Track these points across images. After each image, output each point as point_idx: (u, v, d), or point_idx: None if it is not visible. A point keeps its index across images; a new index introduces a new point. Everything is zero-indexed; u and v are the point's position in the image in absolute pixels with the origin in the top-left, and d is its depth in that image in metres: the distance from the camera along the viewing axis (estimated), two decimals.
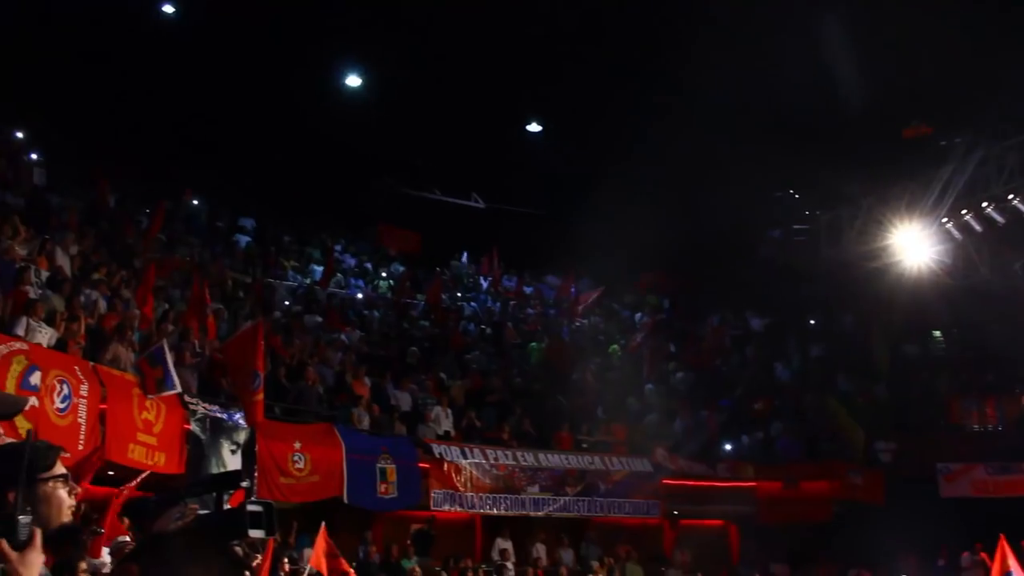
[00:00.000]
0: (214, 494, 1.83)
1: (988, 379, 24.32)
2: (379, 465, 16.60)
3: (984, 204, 16.63)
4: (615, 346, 27.28)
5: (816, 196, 23.37)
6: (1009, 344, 23.17)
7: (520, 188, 28.28)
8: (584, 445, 20.79)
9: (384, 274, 27.44)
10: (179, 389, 13.50)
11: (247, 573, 1.55)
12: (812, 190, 24.16)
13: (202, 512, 1.76)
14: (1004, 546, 12.23)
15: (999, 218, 16.73)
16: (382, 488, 16.62)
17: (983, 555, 18.98)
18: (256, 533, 1.76)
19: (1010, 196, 16.22)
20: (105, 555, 9.67)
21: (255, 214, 26.56)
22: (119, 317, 14.87)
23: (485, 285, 29.38)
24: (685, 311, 29.03)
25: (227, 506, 1.87)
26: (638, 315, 29.54)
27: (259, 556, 11.51)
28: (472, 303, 28.06)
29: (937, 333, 26.98)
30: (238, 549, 1.69)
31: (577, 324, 28.31)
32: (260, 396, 14.24)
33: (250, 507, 1.75)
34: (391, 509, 17.17)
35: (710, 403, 23.95)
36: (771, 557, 20.85)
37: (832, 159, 20.18)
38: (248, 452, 14.71)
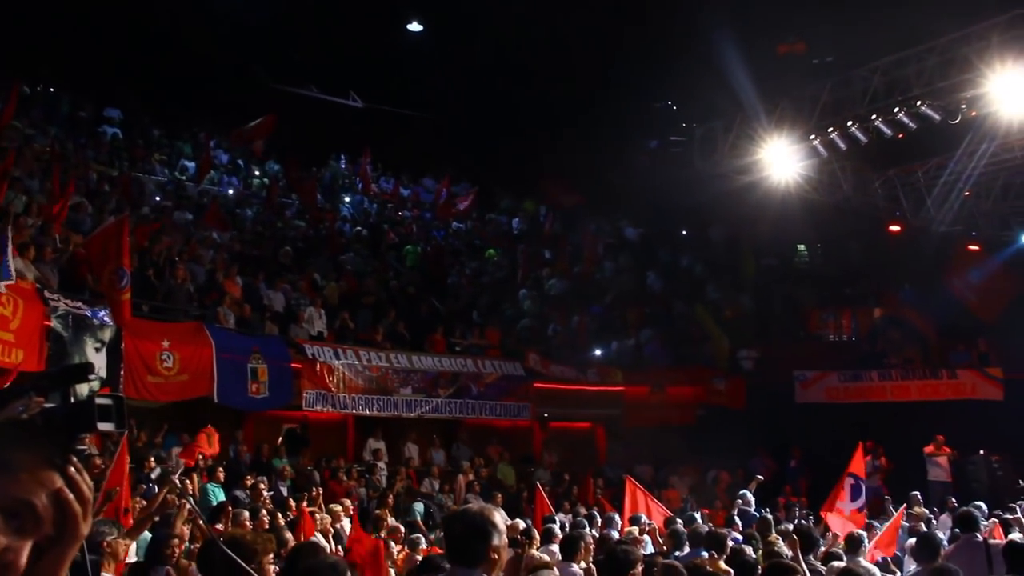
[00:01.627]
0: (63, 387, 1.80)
1: (846, 292, 25.47)
2: (250, 365, 16.46)
3: (849, 123, 17.12)
4: (491, 251, 27.48)
5: (693, 109, 23.69)
6: (866, 259, 24.28)
7: (399, 88, 27.79)
8: (457, 348, 21.00)
9: (258, 172, 26.76)
10: (12, 279, 12.78)
11: (74, 459, 1.54)
12: (690, 102, 24.47)
13: (48, 405, 1.72)
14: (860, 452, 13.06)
15: (862, 137, 17.25)
16: (253, 388, 16.50)
17: (883, 459, 20.08)
18: (105, 426, 1.74)
19: (873, 116, 16.72)
20: None
21: (122, 105, 25.41)
22: None
23: (361, 186, 29.01)
24: (561, 218, 29.30)
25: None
26: (515, 220, 29.73)
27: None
28: (348, 204, 27.72)
29: (801, 247, 28.01)
30: (83, 447, 1.67)
31: (454, 228, 28.32)
32: (127, 295, 13.84)
33: (99, 400, 1.72)
34: (262, 409, 17.09)
35: (582, 309, 24.44)
36: (636, 458, 21.63)
37: (709, 73, 20.43)
38: (113, 350, 14.37)
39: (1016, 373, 20.91)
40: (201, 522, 8.87)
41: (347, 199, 27.97)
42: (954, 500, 15.94)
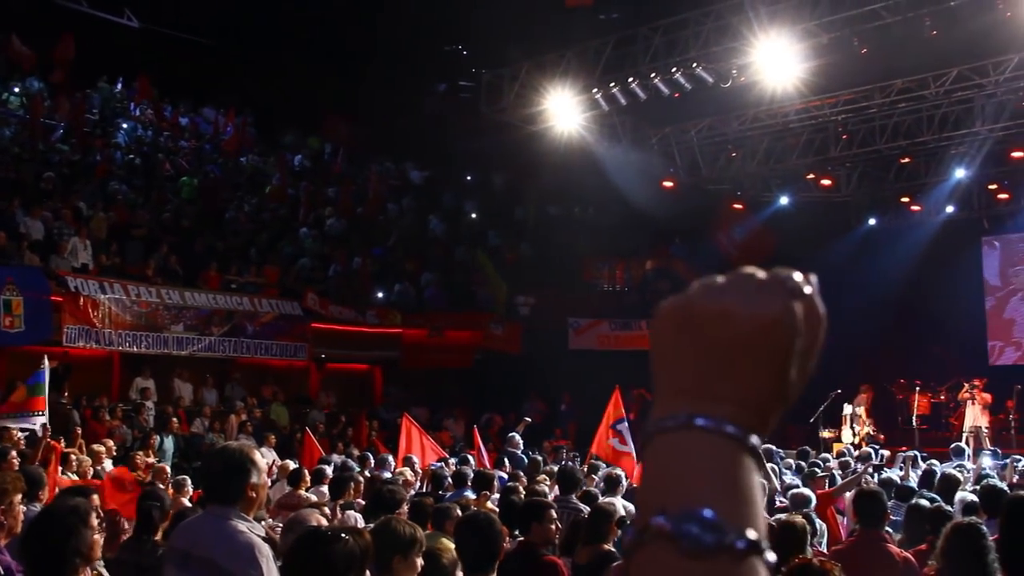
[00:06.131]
0: None
1: (620, 244, 26.47)
2: (3, 297, 15.41)
3: (630, 79, 17.67)
4: (271, 186, 26.74)
5: (483, 54, 23.79)
6: (640, 213, 25.28)
7: (179, 10, 26.37)
8: (233, 286, 20.42)
9: (17, 89, 24.80)
10: None
11: None
12: (480, 48, 24.54)
13: None
14: (616, 396, 13.58)
15: (641, 94, 17.86)
16: (7, 321, 15.48)
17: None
18: None
19: (652, 74, 17.32)
20: None
21: None
22: None
23: (136, 112, 27.47)
24: (345, 157, 28.85)
25: None
26: (297, 157, 29.04)
27: None
28: (121, 130, 26.19)
29: (580, 197, 28.80)
30: None
31: (234, 162, 27.37)
32: None
33: None
34: (17, 344, 16.06)
35: (364, 251, 24.28)
36: (412, 401, 21.82)
37: (500, 20, 20.55)
38: None
39: None
40: None
41: (124, 125, 26.35)
42: None
